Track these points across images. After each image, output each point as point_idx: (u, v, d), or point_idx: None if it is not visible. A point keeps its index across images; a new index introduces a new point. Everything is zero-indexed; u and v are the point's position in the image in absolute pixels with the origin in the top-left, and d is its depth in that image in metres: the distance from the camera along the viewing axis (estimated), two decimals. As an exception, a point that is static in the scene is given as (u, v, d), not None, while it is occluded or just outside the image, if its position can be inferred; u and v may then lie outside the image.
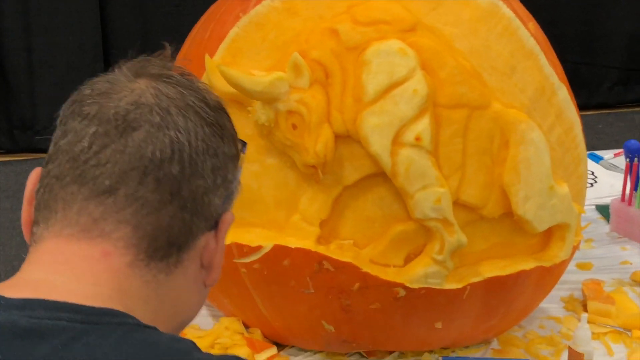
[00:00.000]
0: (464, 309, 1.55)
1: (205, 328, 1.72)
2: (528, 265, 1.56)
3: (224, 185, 1.01)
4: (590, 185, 2.41)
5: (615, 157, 2.61)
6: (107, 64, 4.53)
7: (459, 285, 1.51)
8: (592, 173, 2.49)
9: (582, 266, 1.99)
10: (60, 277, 0.91)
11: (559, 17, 5.10)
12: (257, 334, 1.67)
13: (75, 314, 0.86)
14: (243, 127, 1.51)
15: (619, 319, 1.75)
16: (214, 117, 1.00)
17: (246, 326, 1.69)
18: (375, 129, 1.43)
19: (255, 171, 1.52)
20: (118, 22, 4.68)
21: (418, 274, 1.49)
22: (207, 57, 1.52)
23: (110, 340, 0.84)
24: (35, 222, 0.96)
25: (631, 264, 2.00)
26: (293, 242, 1.49)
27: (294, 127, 1.45)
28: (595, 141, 4.69)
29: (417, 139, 1.44)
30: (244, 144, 1.08)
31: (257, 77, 1.45)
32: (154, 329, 0.90)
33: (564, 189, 1.57)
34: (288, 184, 1.52)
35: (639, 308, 1.79)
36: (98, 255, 0.93)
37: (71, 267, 0.92)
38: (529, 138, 1.50)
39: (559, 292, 1.85)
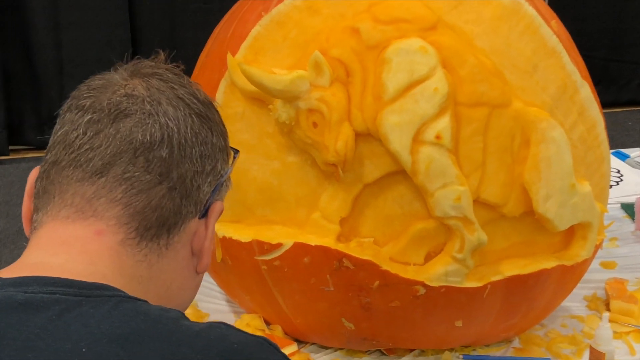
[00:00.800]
0: (484, 307, 1.55)
1: (226, 324, 1.73)
2: (549, 264, 1.56)
3: (213, 174, 1.06)
4: (615, 183, 2.40)
5: (642, 155, 2.60)
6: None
7: (480, 284, 1.51)
8: (618, 171, 2.48)
9: (606, 265, 1.98)
10: (57, 258, 0.95)
11: (587, 13, 5.08)
12: (277, 331, 1.67)
13: (69, 287, 0.90)
14: (265, 125, 1.52)
15: (641, 318, 1.74)
16: (203, 110, 1.06)
17: (267, 323, 1.70)
18: (396, 127, 1.43)
19: (277, 169, 1.53)
20: (146, 18, 4.71)
21: (438, 272, 1.49)
22: (229, 55, 1.52)
23: (102, 310, 0.88)
24: (35, 211, 1.00)
25: (656, 263, 1.99)
26: (313, 240, 1.50)
27: (315, 125, 1.46)
28: (625, 138, 4.67)
29: (438, 137, 1.44)
30: (237, 151, 1.13)
31: (278, 75, 1.46)
32: (145, 301, 0.94)
33: (585, 187, 1.56)
34: (309, 181, 1.52)
35: (662, 307, 1.77)
36: (92, 235, 0.97)
37: (67, 248, 0.96)
38: (550, 136, 1.50)
39: (582, 290, 1.84)
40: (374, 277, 1.49)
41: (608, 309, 1.78)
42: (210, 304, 1.82)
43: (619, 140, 4.67)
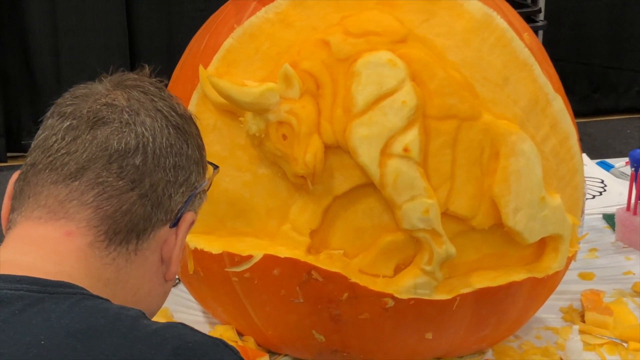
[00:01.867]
0: (454, 319, 1.55)
1: (201, 335, 1.74)
2: (519, 276, 1.56)
3: (187, 185, 1.11)
4: (599, 193, 2.40)
5: (626, 165, 2.58)
6: (133, 65, 4.59)
7: (449, 296, 1.52)
8: (602, 181, 2.48)
9: (584, 276, 1.98)
10: (27, 257, 0.99)
11: (586, 19, 5.08)
12: (250, 342, 1.68)
13: (33, 285, 0.94)
14: (236, 137, 1.53)
15: (616, 330, 1.73)
16: (180, 122, 1.11)
17: (240, 334, 1.70)
18: (364, 139, 1.44)
19: (248, 181, 1.54)
20: (144, 24, 4.73)
21: (407, 284, 1.50)
22: (200, 67, 1.53)
23: (63, 306, 0.92)
24: (11, 210, 1.05)
25: (634, 274, 1.98)
26: (283, 252, 1.50)
27: (284, 137, 1.46)
28: (623, 146, 4.67)
29: (406, 150, 1.44)
30: (216, 167, 1.18)
31: (247, 88, 1.46)
32: (107, 299, 0.98)
33: (556, 200, 1.56)
34: (280, 193, 1.53)
35: (638, 319, 1.77)
36: (61, 236, 1.01)
37: (37, 247, 1.00)
38: (520, 149, 1.50)
39: (558, 302, 1.85)
40: (342, 289, 1.49)
41: (583, 321, 1.78)
42: (186, 314, 1.82)
43: (617, 147, 4.67)
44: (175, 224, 1.09)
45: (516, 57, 1.55)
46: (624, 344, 1.71)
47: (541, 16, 4.51)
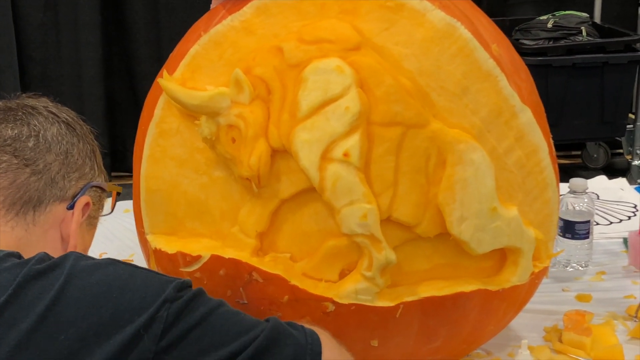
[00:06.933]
0: (399, 328, 1.54)
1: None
2: (468, 287, 1.53)
3: (80, 173, 1.34)
4: (627, 218, 2.33)
5: (663, 189, 2.50)
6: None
7: (392, 304, 1.51)
8: (635, 206, 2.40)
9: (581, 298, 1.92)
10: None
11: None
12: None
13: None
14: (196, 140, 1.57)
15: (593, 351, 1.68)
16: (71, 121, 1.35)
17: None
18: (305, 144, 1.46)
19: (204, 183, 1.57)
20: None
21: (348, 289, 1.50)
22: (164, 72, 1.58)
23: None
24: None
25: (635, 297, 1.91)
26: (230, 253, 1.53)
27: (233, 140, 1.50)
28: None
29: (345, 154, 1.45)
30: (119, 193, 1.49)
31: (196, 91, 1.51)
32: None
33: (511, 212, 1.54)
34: (232, 196, 1.56)
35: (620, 341, 1.71)
36: None
37: None
38: (468, 158, 1.49)
39: (545, 322, 1.81)
40: (283, 291, 1.51)
41: (561, 341, 1.73)
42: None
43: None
44: (71, 206, 1.28)
45: (478, 67, 1.53)
46: (597, 365, 1.66)
47: (642, 45, 4.39)
